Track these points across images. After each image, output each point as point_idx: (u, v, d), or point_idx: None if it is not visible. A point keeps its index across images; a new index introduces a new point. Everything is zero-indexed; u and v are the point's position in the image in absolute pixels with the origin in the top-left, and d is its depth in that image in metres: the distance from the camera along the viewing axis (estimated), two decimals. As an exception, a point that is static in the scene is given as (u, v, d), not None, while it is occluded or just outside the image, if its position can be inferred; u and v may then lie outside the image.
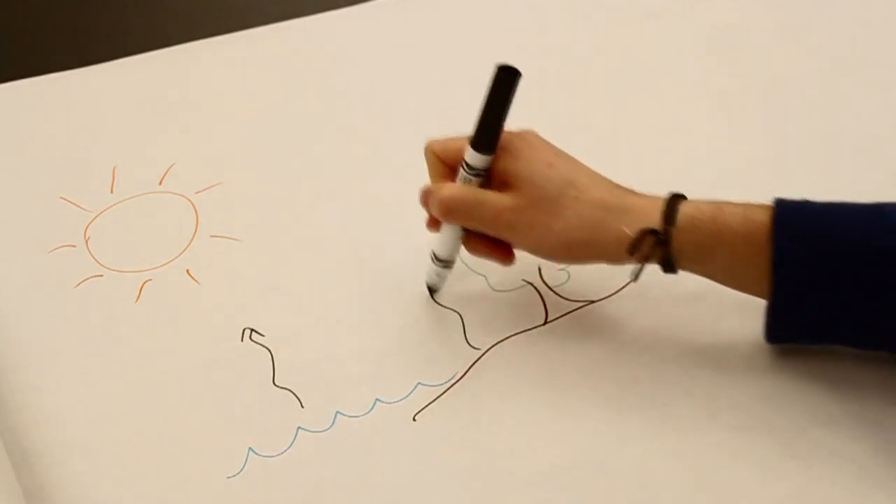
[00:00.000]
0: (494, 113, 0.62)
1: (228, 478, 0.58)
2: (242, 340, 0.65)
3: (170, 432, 0.60)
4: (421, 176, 0.76)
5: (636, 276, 0.61)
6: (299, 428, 0.60)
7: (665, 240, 0.59)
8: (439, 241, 0.65)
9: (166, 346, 0.64)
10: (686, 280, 0.66)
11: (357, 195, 0.73)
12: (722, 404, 0.61)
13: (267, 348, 0.64)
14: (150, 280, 0.68)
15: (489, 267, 0.68)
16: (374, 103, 0.81)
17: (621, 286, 0.67)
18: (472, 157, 0.62)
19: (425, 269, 0.66)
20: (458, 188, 0.63)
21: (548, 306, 0.66)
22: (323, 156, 0.76)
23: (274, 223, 0.72)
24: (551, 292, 0.67)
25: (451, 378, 0.63)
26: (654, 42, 0.86)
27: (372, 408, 0.61)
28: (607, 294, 0.67)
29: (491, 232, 0.63)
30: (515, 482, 0.58)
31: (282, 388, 0.62)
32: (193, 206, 0.73)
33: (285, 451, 0.59)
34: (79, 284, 0.68)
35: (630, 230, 0.60)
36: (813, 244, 0.57)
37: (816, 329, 0.60)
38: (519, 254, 0.68)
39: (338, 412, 0.61)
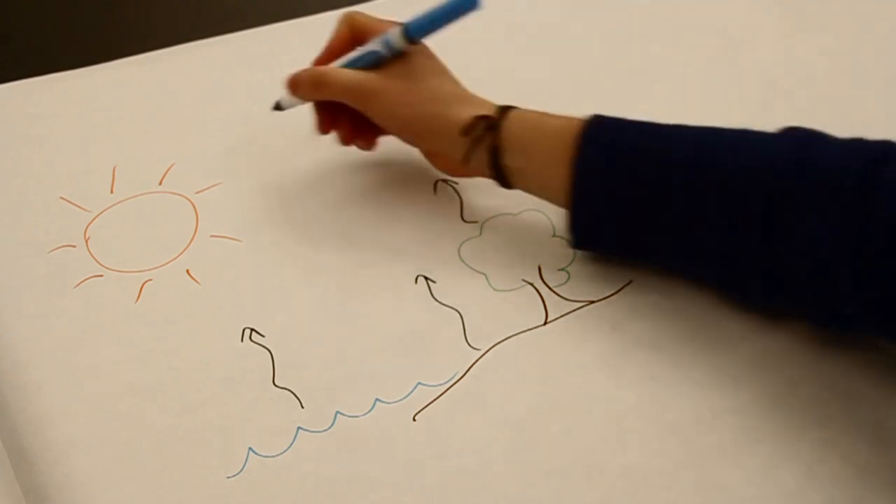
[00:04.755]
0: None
1: (228, 478, 0.58)
2: (242, 340, 0.65)
3: (170, 432, 0.60)
4: (417, 170, 0.75)
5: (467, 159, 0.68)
6: (299, 428, 0.60)
7: (495, 126, 0.66)
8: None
9: (166, 346, 0.64)
10: (686, 282, 0.66)
11: (357, 195, 0.73)
12: (722, 405, 0.61)
13: (267, 348, 0.64)
14: (150, 280, 0.68)
15: (489, 267, 0.68)
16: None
17: (621, 286, 0.67)
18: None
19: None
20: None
21: (548, 306, 0.66)
22: (323, 156, 0.76)
23: (274, 223, 0.72)
24: (551, 292, 0.67)
25: (451, 378, 0.63)
26: (655, 41, 0.86)
27: (372, 408, 0.61)
28: (607, 294, 0.67)
29: (349, 100, 0.69)
30: (515, 482, 0.58)
31: (282, 388, 0.62)
32: (193, 206, 0.73)
33: (285, 451, 0.59)
34: (79, 284, 0.68)
35: (467, 115, 0.67)
36: (610, 152, 0.63)
37: (611, 235, 0.64)
38: (519, 253, 0.68)
39: (338, 412, 0.61)
